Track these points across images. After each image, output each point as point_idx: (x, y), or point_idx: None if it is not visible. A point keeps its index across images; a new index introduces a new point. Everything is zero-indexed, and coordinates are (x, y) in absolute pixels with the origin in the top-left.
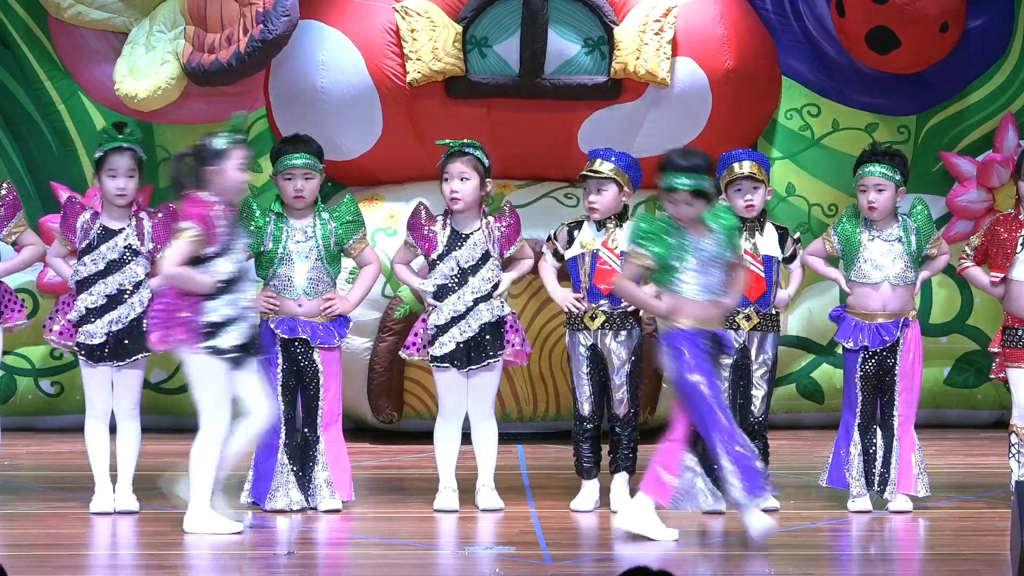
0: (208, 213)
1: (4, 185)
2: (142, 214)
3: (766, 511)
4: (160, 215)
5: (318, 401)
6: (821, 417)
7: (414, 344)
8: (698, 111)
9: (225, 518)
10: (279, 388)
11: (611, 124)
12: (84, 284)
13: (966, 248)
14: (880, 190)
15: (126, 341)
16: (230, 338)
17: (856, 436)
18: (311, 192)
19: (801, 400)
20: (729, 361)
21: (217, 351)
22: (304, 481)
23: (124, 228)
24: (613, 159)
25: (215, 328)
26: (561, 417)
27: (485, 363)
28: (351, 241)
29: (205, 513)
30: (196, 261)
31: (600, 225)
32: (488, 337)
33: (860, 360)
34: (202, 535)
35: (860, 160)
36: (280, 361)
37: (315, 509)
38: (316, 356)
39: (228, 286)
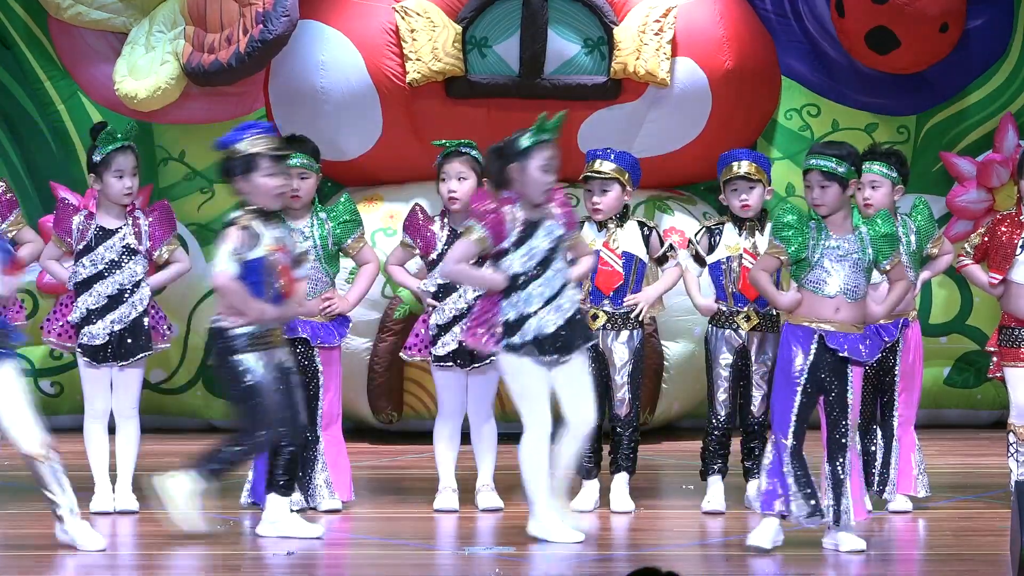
0: (499, 211)
1: (0, 183)
2: (138, 213)
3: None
4: (156, 213)
5: (318, 401)
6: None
7: (415, 345)
8: (698, 111)
9: (565, 526)
10: None
11: (611, 124)
12: (84, 285)
13: (966, 246)
14: (875, 187)
15: (128, 341)
16: (527, 334)
17: (856, 437)
18: (307, 192)
19: None
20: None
21: (512, 348)
22: (304, 481)
23: (121, 228)
24: (613, 158)
25: (512, 326)
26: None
27: (488, 360)
28: (349, 240)
29: (547, 519)
30: (497, 256)
31: (601, 226)
32: None
33: None
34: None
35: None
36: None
37: (315, 509)
38: (316, 356)
39: (523, 283)
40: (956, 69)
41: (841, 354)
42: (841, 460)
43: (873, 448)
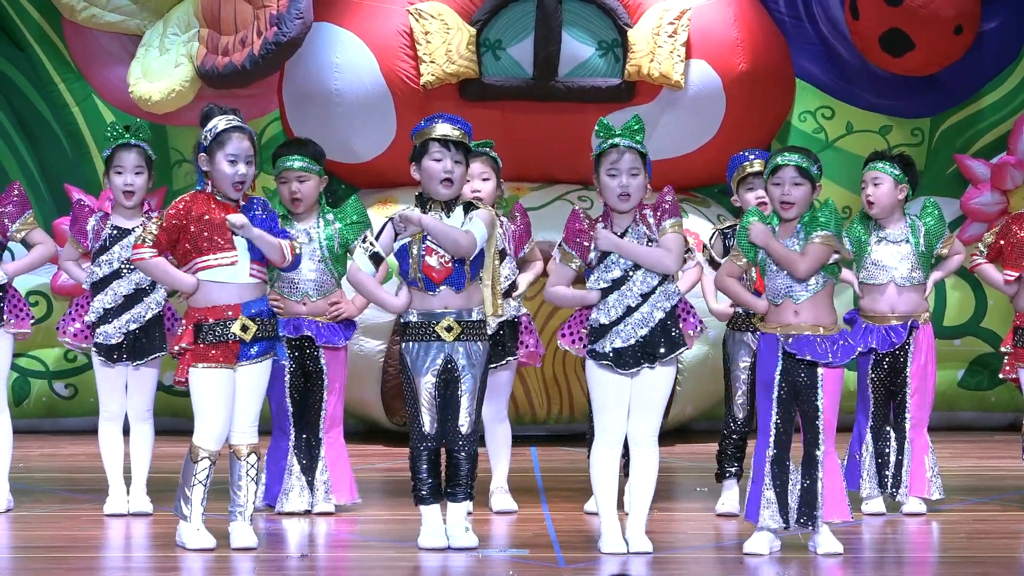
0: (584, 230)
1: (15, 186)
2: (153, 214)
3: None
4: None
5: (321, 403)
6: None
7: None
8: (712, 113)
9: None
10: (287, 389)
11: None
12: (99, 285)
13: (980, 245)
14: (877, 184)
15: (143, 340)
16: (606, 343)
17: (868, 439)
18: (308, 195)
19: None
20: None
21: (594, 355)
22: (312, 483)
23: (136, 228)
24: None
25: (594, 334)
26: (574, 419)
27: (504, 361)
28: (357, 242)
29: (611, 531)
30: (590, 272)
31: None
32: (504, 336)
33: (872, 363)
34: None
35: (864, 163)
36: (288, 362)
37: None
38: (321, 356)
39: (607, 292)
40: (970, 71)
41: (815, 358)
42: (815, 463)
43: (887, 451)
